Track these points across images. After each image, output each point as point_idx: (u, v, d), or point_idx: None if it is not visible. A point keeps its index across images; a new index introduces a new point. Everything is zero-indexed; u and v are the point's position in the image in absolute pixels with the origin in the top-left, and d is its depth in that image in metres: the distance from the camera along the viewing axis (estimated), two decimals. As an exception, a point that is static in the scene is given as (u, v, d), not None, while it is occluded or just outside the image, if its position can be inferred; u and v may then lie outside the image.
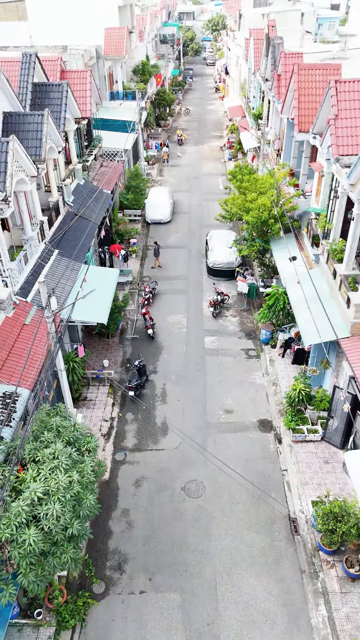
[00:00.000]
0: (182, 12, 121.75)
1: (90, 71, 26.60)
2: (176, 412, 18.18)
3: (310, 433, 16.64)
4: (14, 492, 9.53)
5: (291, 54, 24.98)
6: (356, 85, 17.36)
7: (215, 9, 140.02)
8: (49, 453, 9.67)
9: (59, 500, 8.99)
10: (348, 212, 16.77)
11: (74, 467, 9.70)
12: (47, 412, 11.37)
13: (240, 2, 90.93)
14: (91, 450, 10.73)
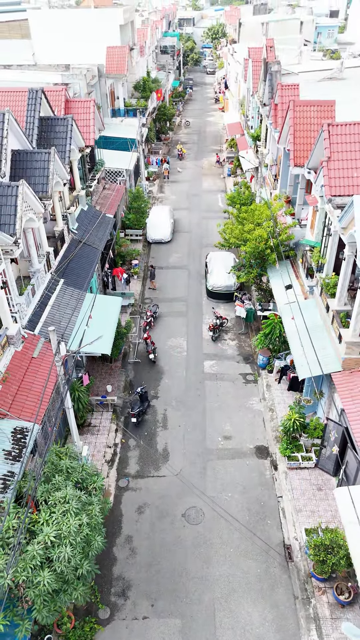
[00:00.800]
0: (182, 18, 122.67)
1: (94, 100, 27.39)
2: (177, 438, 19.04)
3: (304, 460, 17.50)
4: (28, 532, 10.38)
5: (288, 86, 25.76)
6: (348, 129, 18.20)
7: (215, 14, 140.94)
8: (61, 497, 10.52)
9: (70, 544, 9.84)
10: (340, 251, 17.64)
11: (83, 510, 10.56)
12: (57, 453, 12.21)
13: (240, 11, 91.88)
14: (97, 488, 11.58)
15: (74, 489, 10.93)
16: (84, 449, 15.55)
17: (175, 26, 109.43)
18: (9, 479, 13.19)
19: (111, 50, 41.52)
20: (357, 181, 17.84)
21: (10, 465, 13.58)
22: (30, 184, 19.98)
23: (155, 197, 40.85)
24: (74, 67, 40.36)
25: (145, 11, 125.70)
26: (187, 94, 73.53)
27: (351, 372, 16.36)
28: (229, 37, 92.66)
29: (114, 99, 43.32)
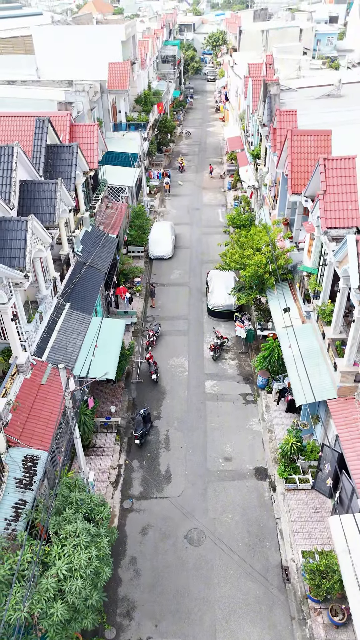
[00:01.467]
0: (182, 23, 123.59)
1: (98, 125, 28.11)
2: (179, 459, 19.77)
3: (301, 482, 18.22)
4: (41, 564, 11.11)
5: (286, 112, 26.48)
6: (343, 163, 18.92)
7: (215, 19, 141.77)
8: (71, 530, 11.25)
9: (81, 576, 10.56)
10: (336, 281, 18.37)
11: (92, 543, 11.29)
12: (68, 485, 12.94)
13: (240, 19, 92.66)
14: (104, 518, 12.31)
15: (83, 522, 11.66)
16: (90, 474, 16.26)
17: (176, 32, 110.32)
18: (21, 507, 13.95)
19: (113, 66, 42.22)
20: (351, 214, 18.58)
21: (22, 493, 14.32)
22: (38, 213, 20.78)
23: (157, 211, 41.59)
24: (76, 83, 41.15)
25: (145, 17, 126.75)
26: (188, 103, 74.30)
27: (346, 400, 17.08)
28: (230, 45, 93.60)
29: (115, 113, 44.06)
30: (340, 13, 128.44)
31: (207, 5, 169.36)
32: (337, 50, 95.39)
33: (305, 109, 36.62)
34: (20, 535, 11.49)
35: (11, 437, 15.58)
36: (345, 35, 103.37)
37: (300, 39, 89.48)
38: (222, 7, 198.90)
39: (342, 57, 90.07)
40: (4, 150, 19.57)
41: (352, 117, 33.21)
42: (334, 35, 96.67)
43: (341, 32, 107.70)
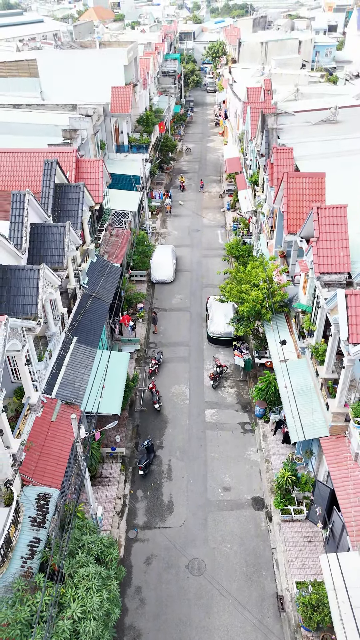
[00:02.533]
0: (182, 32, 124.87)
1: (102, 161, 29.23)
2: (180, 489, 20.93)
3: (296, 513, 19.38)
4: (56, 604, 12.26)
5: (283, 149, 27.60)
6: (335, 211, 20.09)
7: (215, 27, 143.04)
8: (84, 574, 12.41)
9: (94, 618, 11.71)
10: (329, 323, 19.51)
11: (103, 585, 12.45)
12: (80, 528, 14.10)
13: (239, 32, 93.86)
14: (114, 559, 13.47)
15: (95, 565, 12.81)
16: (98, 509, 17.42)
17: (177, 41, 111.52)
18: (35, 545, 15.11)
19: (116, 90, 43.38)
20: (343, 260, 19.74)
21: (36, 531, 15.48)
22: (47, 255, 21.98)
23: (158, 232, 42.76)
24: (80, 107, 42.35)
25: (146, 25, 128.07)
26: (188, 117, 75.40)
27: (337, 438, 18.24)
28: (229, 56, 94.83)
29: (118, 135, 45.22)
30: (339, 20, 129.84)
31: (207, 12, 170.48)
32: (336, 61, 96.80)
33: (302, 136, 37.94)
34: (38, 578, 12.63)
35: (25, 475, 16.75)
36: (344, 45, 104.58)
37: (300, 50, 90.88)
38: (222, 12, 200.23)
39: (340, 67, 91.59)
40: (16, 197, 20.74)
41: (347, 146, 34.45)
42: (332, 47, 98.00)
43: (340, 41, 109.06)
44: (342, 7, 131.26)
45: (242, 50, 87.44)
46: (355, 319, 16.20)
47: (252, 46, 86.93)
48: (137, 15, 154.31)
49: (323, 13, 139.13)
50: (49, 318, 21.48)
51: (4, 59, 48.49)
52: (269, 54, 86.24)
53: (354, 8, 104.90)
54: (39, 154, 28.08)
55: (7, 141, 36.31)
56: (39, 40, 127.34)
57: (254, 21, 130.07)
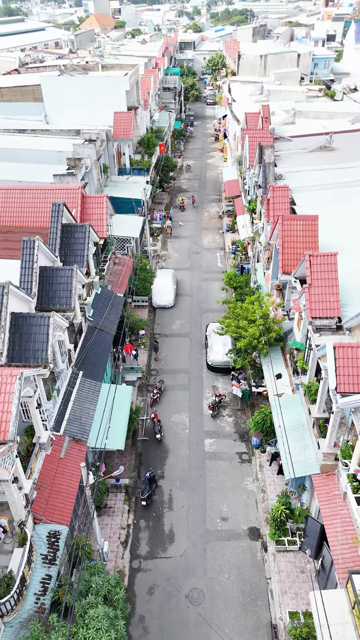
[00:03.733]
0: (182, 41, 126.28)
1: (107, 196, 30.45)
2: (181, 519, 22.19)
3: (290, 544, 20.65)
4: (69, 642, 13.55)
5: (279, 187, 28.81)
6: (326, 259, 21.34)
7: (215, 35, 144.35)
8: (94, 615, 13.67)
9: (104, 657, 13.01)
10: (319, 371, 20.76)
11: (112, 626, 13.72)
12: (88, 568, 15.36)
13: (239, 45, 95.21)
14: (120, 599, 14.74)
15: (104, 606, 14.08)
16: (104, 544, 18.69)
17: (177, 51, 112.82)
18: (47, 582, 16.38)
19: (118, 115, 44.65)
20: (333, 305, 21.00)
21: (47, 568, 16.76)
22: (55, 297, 23.23)
23: (159, 255, 44.02)
24: (83, 132, 43.71)
25: (147, 34, 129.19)
26: (188, 132, 76.61)
27: (328, 476, 19.49)
28: (229, 69, 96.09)
29: (120, 157, 46.45)
30: (337, 29, 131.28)
31: (207, 19, 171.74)
32: (334, 73, 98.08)
33: (299, 164, 39.24)
34: (52, 619, 13.89)
35: (36, 514, 18.00)
36: (342, 56, 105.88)
37: (298, 63, 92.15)
38: (222, 17, 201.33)
39: (339, 79, 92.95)
40: (26, 244, 22.02)
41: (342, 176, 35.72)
42: (330, 59, 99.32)
43: (339, 52, 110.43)
44: (340, 17, 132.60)
45: (241, 63, 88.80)
46: (343, 370, 17.45)
47: (252, 59, 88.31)
48: (138, 23, 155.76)
49: (322, 22, 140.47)
50: (57, 356, 22.69)
51: (10, 84, 49.84)
52: (268, 66, 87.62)
53: (352, 20, 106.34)
54: (45, 191, 29.38)
55: (13, 169, 37.69)
56: (40, 50, 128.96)
57: (254, 30, 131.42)
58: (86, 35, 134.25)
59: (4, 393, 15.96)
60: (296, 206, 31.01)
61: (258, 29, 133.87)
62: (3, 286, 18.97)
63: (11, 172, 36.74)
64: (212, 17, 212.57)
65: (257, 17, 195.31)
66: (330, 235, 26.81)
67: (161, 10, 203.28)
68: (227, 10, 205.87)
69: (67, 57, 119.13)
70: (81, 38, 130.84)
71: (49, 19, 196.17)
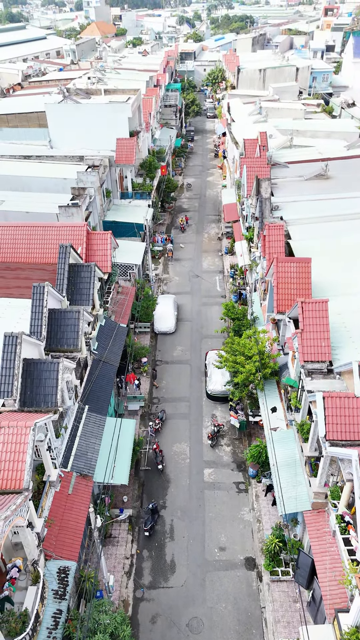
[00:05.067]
0: (183, 52, 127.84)
1: (111, 233, 31.78)
2: (181, 549, 23.58)
3: (283, 575, 22.04)
4: None
5: (275, 226, 30.18)
6: (317, 306, 22.72)
7: (215, 45, 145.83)
8: (103, 653, 15.08)
9: None
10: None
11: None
12: (97, 607, 16.74)
13: (238, 58, 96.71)
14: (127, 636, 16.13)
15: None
16: (110, 578, 20.09)
17: (177, 62, 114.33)
18: (58, 616, 17.76)
19: (120, 142, 46.09)
20: (324, 350, 22.39)
21: (58, 603, 18.16)
22: (63, 338, 24.61)
23: (161, 278, 45.42)
24: (87, 158, 45.18)
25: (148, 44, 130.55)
26: (189, 148, 77.94)
27: (319, 512, 20.87)
28: (228, 82, 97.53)
29: (122, 181, 47.83)
30: (337, 39, 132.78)
31: (207, 27, 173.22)
32: (333, 86, 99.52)
33: (295, 193, 40.63)
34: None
35: (47, 550, 19.37)
36: (341, 68, 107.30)
37: (297, 78, 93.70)
38: (222, 23, 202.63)
39: (337, 92, 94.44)
40: (36, 289, 23.41)
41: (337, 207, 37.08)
42: (329, 73, 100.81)
43: (338, 63, 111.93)
44: (339, 27, 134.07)
45: (240, 76, 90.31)
46: (332, 419, 18.84)
47: (251, 73, 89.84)
48: (139, 32, 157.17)
49: (321, 32, 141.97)
50: (65, 396, 24.07)
51: (15, 110, 51.26)
52: (267, 80, 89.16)
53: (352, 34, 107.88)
54: (52, 228, 30.78)
55: (20, 198, 39.12)
56: (42, 59, 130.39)
57: (253, 39, 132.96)
58: (87, 44, 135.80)
59: (19, 443, 17.33)
60: (291, 240, 32.38)
61: (257, 38, 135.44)
62: (16, 337, 20.35)
63: (18, 202, 38.14)
64: (212, 22, 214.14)
65: (257, 23, 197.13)
66: (324, 272, 28.17)
67: (162, 16, 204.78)
68: (227, 16, 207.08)
69: (69, 67, 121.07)
70: (82, 48, 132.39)
71: (50, 25, 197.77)
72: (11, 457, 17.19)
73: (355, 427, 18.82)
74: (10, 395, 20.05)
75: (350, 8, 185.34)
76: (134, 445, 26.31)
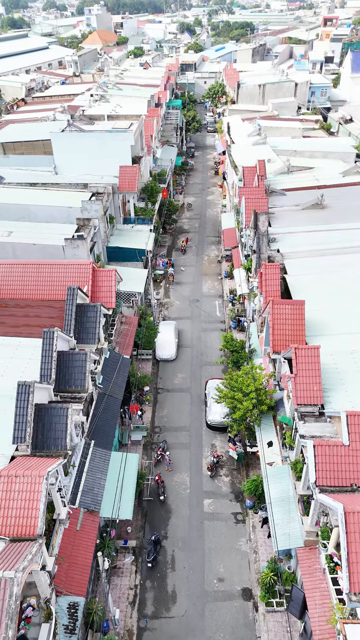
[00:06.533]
0: (184, 63, 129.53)
1: (115, 270, 33.26)
2: (182, 580, 25.06)
3: (278, 605, 23.52)
4: None
5: (271, 265, 31.67)
6: (310, 352, 24.20)
7: (215, 55, 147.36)
8: None
9: None
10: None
11: None
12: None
13: (238, 74, 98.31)
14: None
15: None
16: (116, 612, 21.56)
17: (178, 74, 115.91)
18: (69, 651, 19.24)
19: (123, 169, 47.66)
20: (316, 393, 23.86)
21: (69, 638, 19.65)
22: (71, 379, 26.10)
23: (162, 302, 46.90)
24: (91, 186, 46.74)
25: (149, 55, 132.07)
26: (190, 165, 79.38)
27: (310, 549, 22.34)
28: (229, 97, 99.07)
29: (125, 206, 49.36)
30: (336, 49, 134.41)
31: (208, 36, 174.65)
32: (331, 100, 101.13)
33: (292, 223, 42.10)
34: None
35: (57, 587, 20.84)
36: (339, 81, 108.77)
37: (296, 93, 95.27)
38: (222, 31, 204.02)
39: (335, 107, 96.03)
40: (46, 334, 24.89)
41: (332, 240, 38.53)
42: (327, 88, 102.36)
43: (336, 75, 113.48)
44: (338, 37, 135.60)
45: (240, 92, 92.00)
46: (322, 466, 20.32)
47: (250, 88, 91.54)
48: (140, 41, 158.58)
49: (320, 42, 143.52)
50: (72, 434, 25.54)
51: (22, 138, 52.80)
52: (266, 95, 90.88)
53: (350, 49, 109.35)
54: (59, 266, 32.26)
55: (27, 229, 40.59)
56: (44, 70, 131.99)
57: (253, 50, 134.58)
58: (89, 55, 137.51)
59: (33, 492, 18.82)
60: (287, 275, 33.86)
61: (257, 49, 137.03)
62: (29, 385, 21.84)
63: (26, 232, 39.60)
64: (212, 29, 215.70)
65: (257, 30, 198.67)
66: (318, 309, 29.64)
67: (162, 22, 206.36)
68: (228, 22, 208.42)
69: (71, 79, 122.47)
70: (84, 58, 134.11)
71: (52, 31, 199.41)
72: (26, 504, 18.67)
73: (343, 474, 20.33)
74: (24, 441, 21.53)
75: (350, 13, 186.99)
76: (137, 478, 27.77)
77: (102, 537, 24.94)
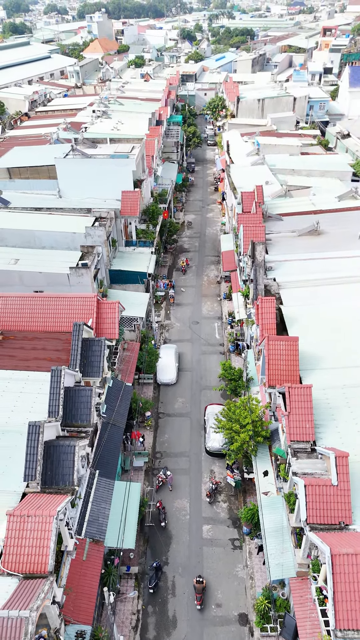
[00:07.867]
0: (184, 74, 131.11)
1: (119, 303, 34.71)
2: (182, 605, 26.50)
3: (272, 631, 24.97)
4: None
5: (267, 299, 33.11)
6: (302, 391, 25.61)
7: (216, 65, 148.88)
8: None
9: None
10: (297, 485, 25.02)
11: None
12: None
13: (238, 88, 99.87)
14: None
15: None
16: (120, 639, 23.01)
17: (179, 86, 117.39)
18: None
19: (125, 194, 49.23)
20: (308, 431, 25.28)
21: (77, 666, 21.09)
22: (77, 415, 27.54)
23: (163, 324, 48.37)
24: (94, 210, 48.28)
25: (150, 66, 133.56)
26: (190, 182, 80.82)
27: (302, 579, 23.80)
28: (229, 110, 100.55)
29: (127, 229, 50.88)
30: (335, 60, 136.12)
31: (208, 45, 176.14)
32: (329, 114, 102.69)
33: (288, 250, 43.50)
34: None
35: (66, 616, 22.29)
36: (337, 93, 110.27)
37: (294, 107, 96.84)
38: (222, 37, 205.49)
39: (333, 121, 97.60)
40: (54, 372, 26.33)
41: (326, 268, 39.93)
42: (325, 102, 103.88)
43: (335, 87, 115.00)
44: (337, 48, 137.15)
45: (240, 106, 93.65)
46: (312, 504, 21.78)
47: (250, 103, 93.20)
48: (141, 50, 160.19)
49: (319, 52, 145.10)
50: (79, 469, 26.95)
51: (27, 164, 54.29)
52: (265, 109, 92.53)
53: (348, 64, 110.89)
54: (65, 299, 33.71)
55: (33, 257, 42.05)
56: (47, 81, 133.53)
57: (253, 60, 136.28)
58: (91, 65, 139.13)
59: (43, 531, 20.27)
60: (283, 306, 35.29)
61: (257, 59, 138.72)
62: (39, 426, 23.30)
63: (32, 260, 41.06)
64: (213, 35, 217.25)
65: (257, 36, 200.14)
66: (311, 341, 31.04)
67: (163, 29, 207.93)
68: (228, 29, 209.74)
69: (73, 91, 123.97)
70: (86, 68, 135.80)
71: (53, 37, 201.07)
72: (37, 543, 20.13)
73: (333, 512, 21.81)
74: (34, 479, 22.98)
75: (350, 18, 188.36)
76: (139, 506, 29.23)
77: (106, 565, 26.36)
